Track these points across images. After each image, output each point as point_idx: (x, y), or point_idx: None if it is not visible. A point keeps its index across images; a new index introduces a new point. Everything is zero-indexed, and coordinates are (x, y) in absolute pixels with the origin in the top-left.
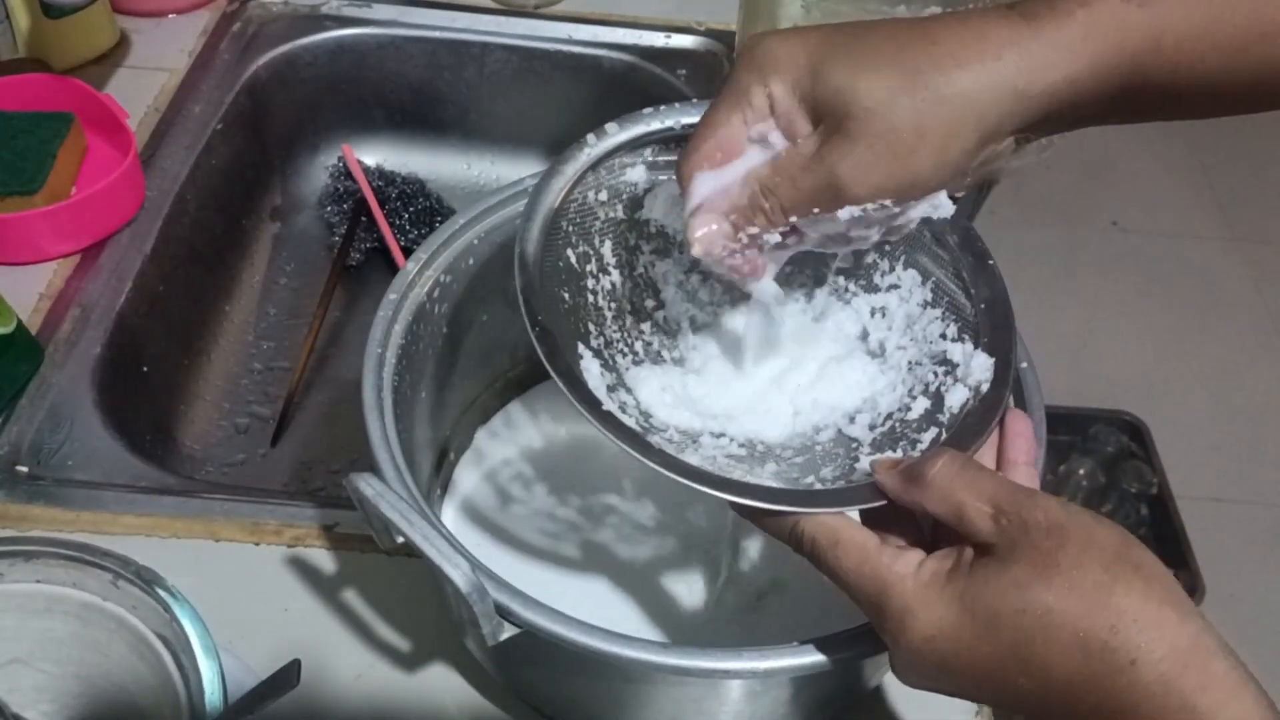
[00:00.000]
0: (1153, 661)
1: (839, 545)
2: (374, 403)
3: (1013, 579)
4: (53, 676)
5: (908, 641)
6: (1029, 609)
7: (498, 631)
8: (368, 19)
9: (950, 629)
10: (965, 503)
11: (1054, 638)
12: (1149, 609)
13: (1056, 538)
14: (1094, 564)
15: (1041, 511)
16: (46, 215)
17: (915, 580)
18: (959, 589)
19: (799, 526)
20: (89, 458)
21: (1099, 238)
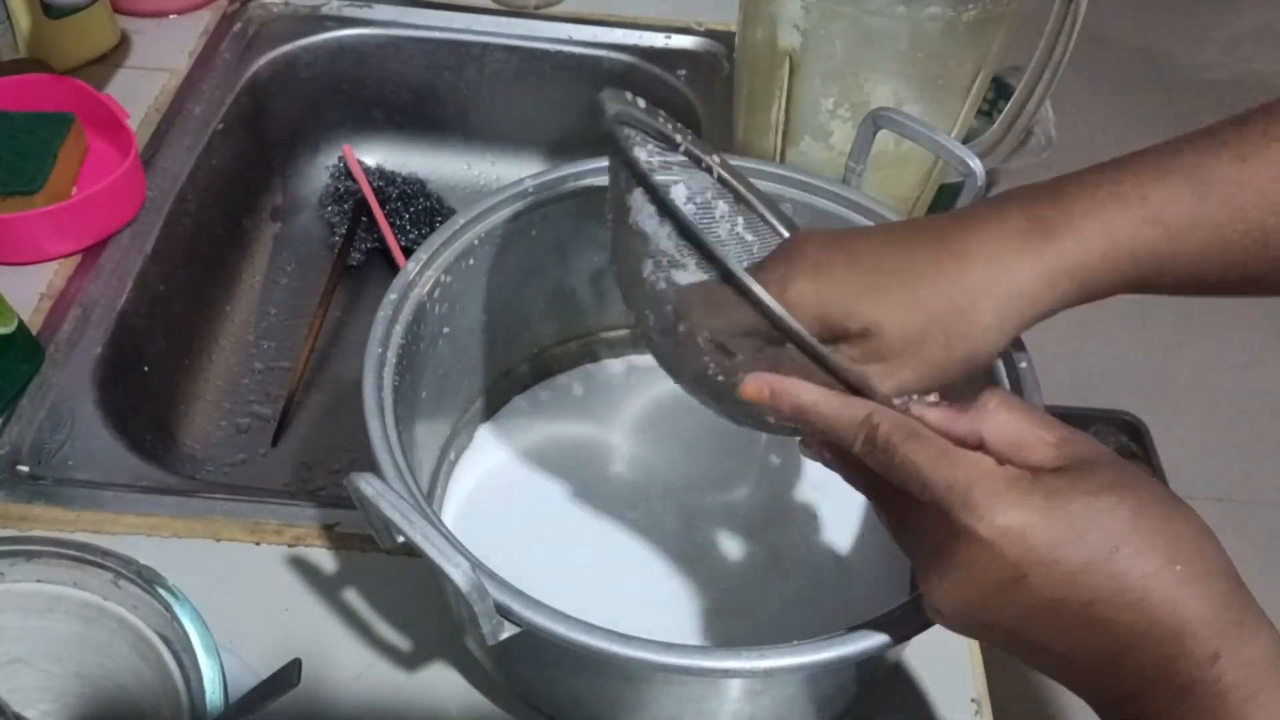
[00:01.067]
0: (1222, 577)
1: (919, 437)
2: (374, 402)
3: (1104, 479)
4: (54, 676)
5: (999, 526)
6: (1121, 504)
7: (498, 631)
8: (368, 19)
9: (1045, 523)
10: (1026, 429)
11: (1140, 541)
12: (1221, 554)
13: (1117, 462)
14: (1159, 487)
15: (1092, 443)
16: (47, 215)
17: (1007, 473)
18: (1050, 488)
19: (874, 415)
20: (90, 457)
21: None
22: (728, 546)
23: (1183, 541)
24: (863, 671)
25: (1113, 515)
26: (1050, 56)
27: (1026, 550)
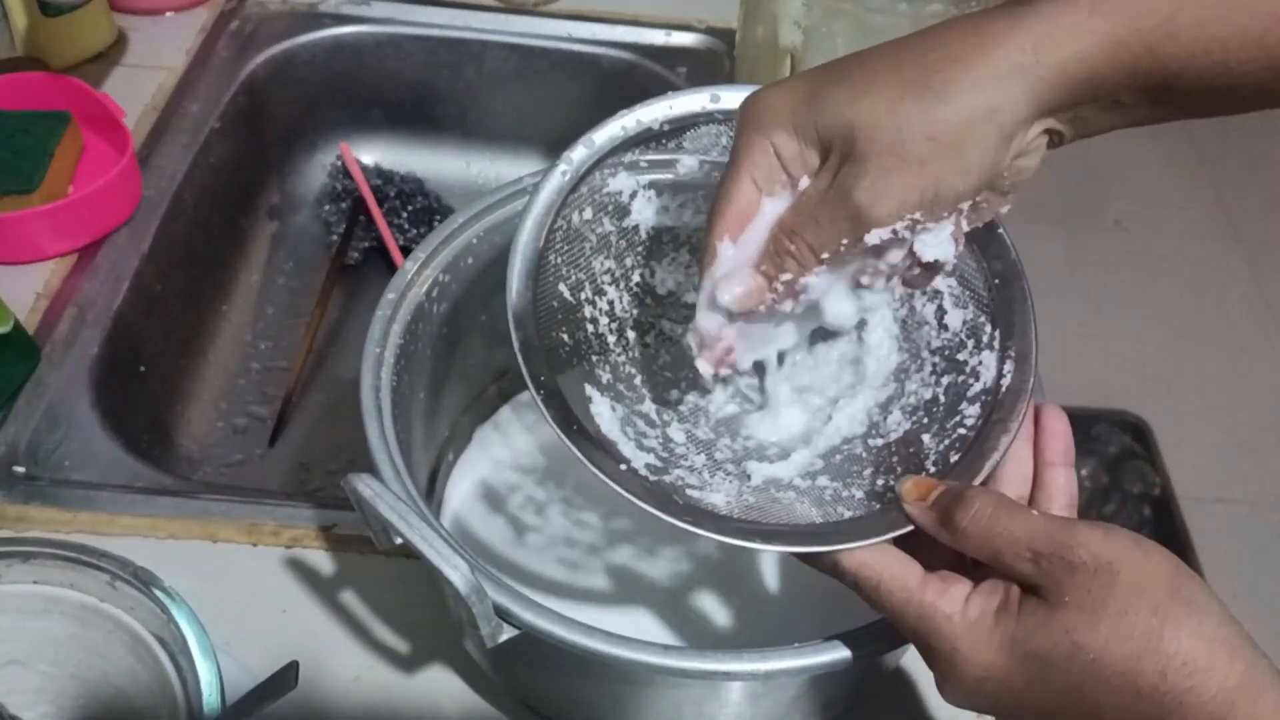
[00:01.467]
0: (1201, 703)
1: (881, 586)
2: (372, 403)
3: (1060, 624)
4: (50, 677)
5: (957, 680)
6: (1079, 655)
7: (496, 633)
8: (366, 17)
9: (1000, 672)
10: (1002, 550)
11: (1104, 683)
12: (1198, 650)
13: (1104, 577)
14: (1143, 607)
15: (1085, 550)
16: (44, 214)
17: (963, 620)
18: (1009, 632)
19: (840, 566)
20: (86, 458)
21: (1102, 237)
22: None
23: (1148, 680)
24: (863, 674)
25: (1069, 664)
26: None
27: (988, 698)
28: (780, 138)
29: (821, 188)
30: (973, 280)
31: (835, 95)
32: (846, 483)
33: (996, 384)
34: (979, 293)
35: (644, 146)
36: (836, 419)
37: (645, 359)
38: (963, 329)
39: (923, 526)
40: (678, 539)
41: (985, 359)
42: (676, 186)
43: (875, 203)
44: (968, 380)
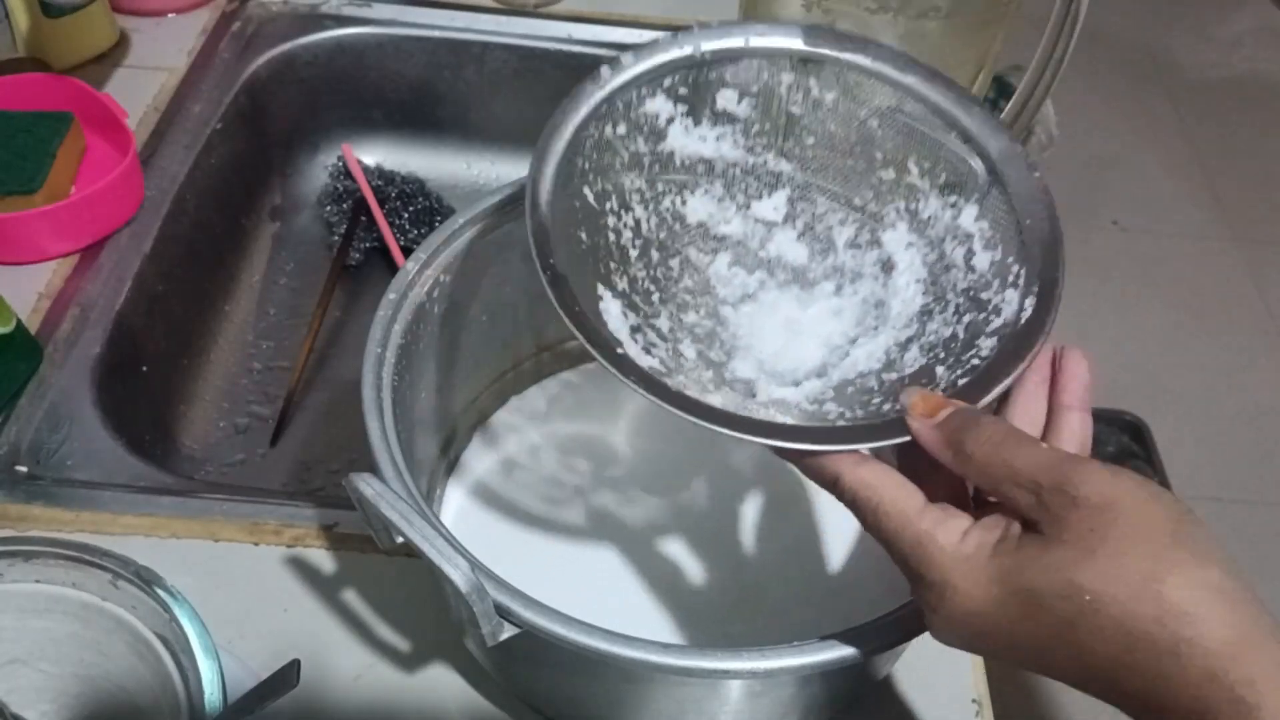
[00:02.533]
0: (1198, 655)
1: (879, 509)
2: (373, 402)
3: (1057, 560)
4: (52, 676)
5: (947, 612)
6: (1073, 594)
7: (498, 631)
8: (367, 18)
9: (992, 607)
10: (1004, 480)
11: (1097, 625)
12: (1198, 599)
13: (1106, 515)
14: (1144, 549)
15: (1090, 485)
16: (46, 215)
17: (958, 552)
18: (1003, 566)
19: (841, 482)
20: (88, 457)
21: (1100, 237)
22: (728, 547)
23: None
24: (863, 672)
25: (1062, 601)
26: (1052, 54)
27: (975, 632)
28: None
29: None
30: (1004, 221)
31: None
32: (853, 409)
33: (1016, 318)
34: (1009, 233)
35: (684, 72)
36: (854, 354)
37: (666, 279)
38: (990, 269)
39: (927, 444)
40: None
41: (1008, 296)
42: (716, 117)
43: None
44: (989, 317)
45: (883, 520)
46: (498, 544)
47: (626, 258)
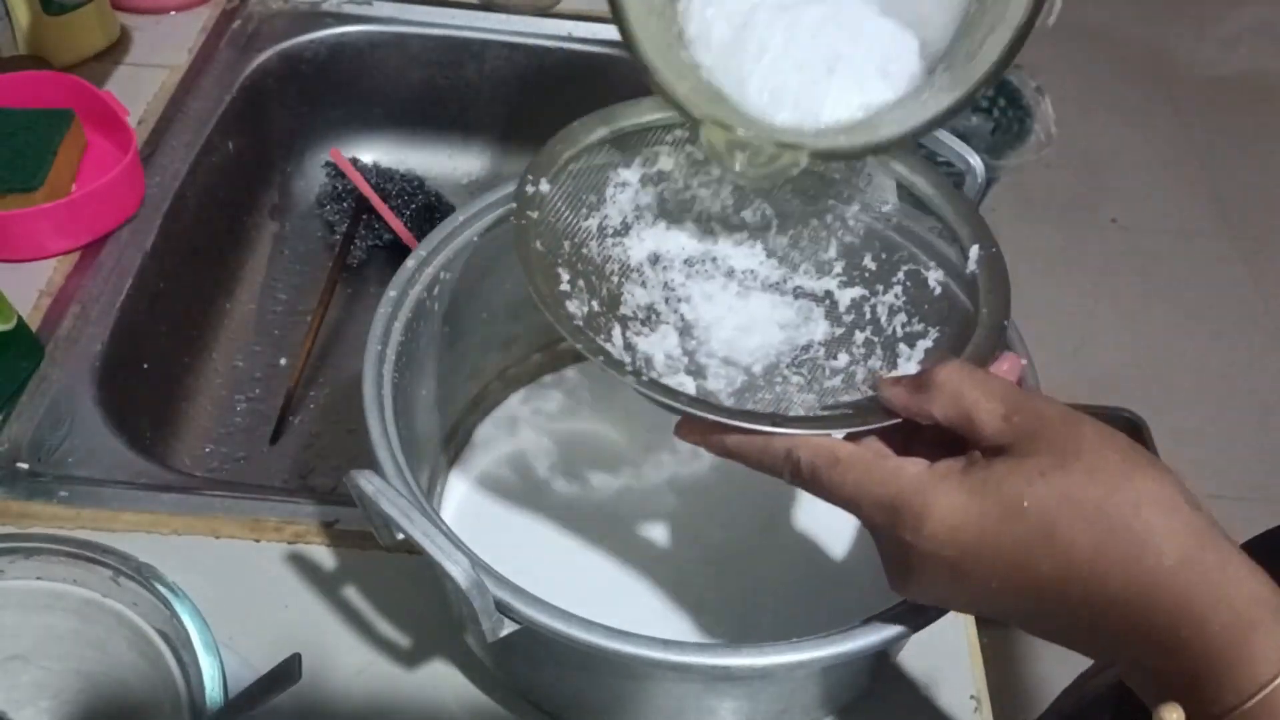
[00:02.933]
0: (1175, 542)
1: (840, 462)
2: (374, 400)
3: (1036, 466)
4: (53, 673)
5: (930, 532)
6: (1052, 492)
7: (497, 628)
8: (368, 16)
9: (975, 516)
10: (977, 402)
11: (1079, 516)
12: (1166, 492)
13: (1074, 430)
14: (1112, 450)
15: (1052, 406)
16: (47, 212)
17: (931, 476)
18: (979, 478)
19: (794, 452)
20: (89, 454)
21: (1099, 235)
22: (727, 542)
23: (1122, 511)
24: (862, 668)
25: (1045, 497)
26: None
27: (960, 549)
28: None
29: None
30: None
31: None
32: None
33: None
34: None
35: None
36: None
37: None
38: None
39: (897, 402)
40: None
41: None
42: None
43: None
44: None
45: (844, 472)
46: (498, 540)
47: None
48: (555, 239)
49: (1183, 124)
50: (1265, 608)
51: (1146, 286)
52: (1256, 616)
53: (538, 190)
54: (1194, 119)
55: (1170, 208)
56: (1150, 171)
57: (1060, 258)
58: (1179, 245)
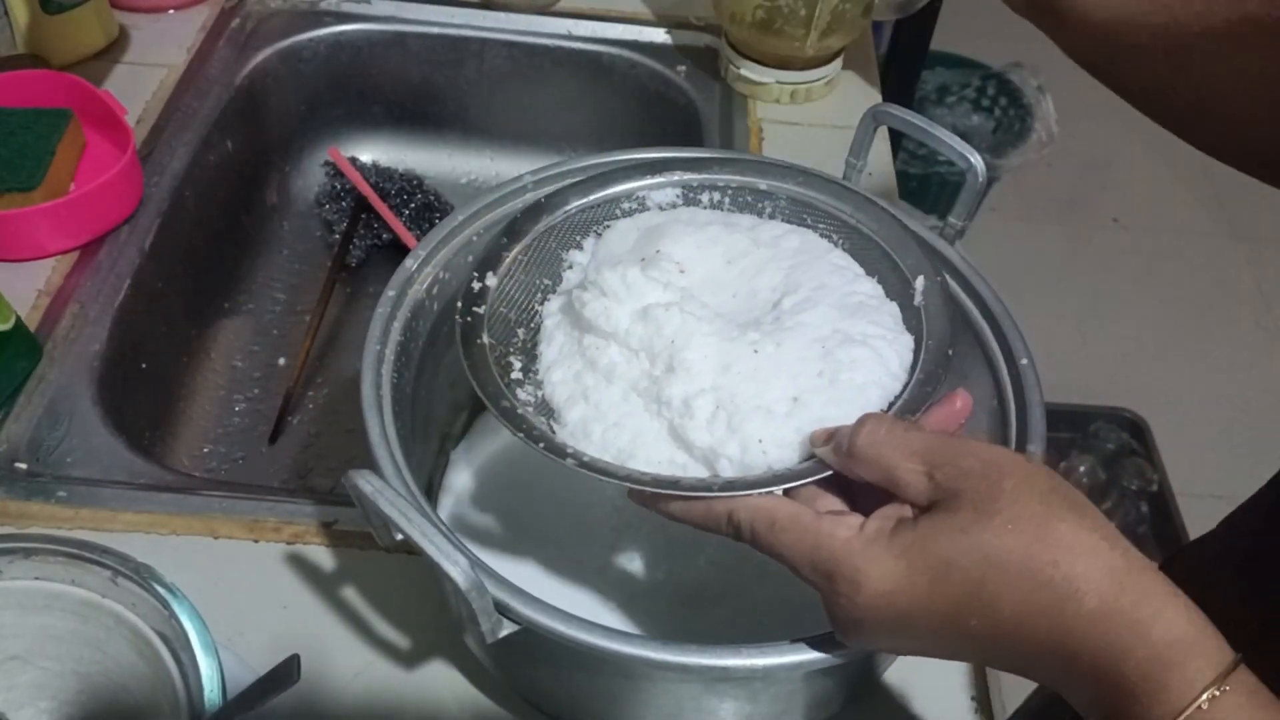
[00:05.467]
0: (1093, 588)
1: (775, 524)
2: (373, 400)
3: (958, 524)
4: (51, 673)
5: (864, 600)
6: (975, 551)
7: (497, 628)
8: (367, 15)
9: (905, 581)
10: (897, 465)
11: (1002, 574)
12: (1082, 537)
13: (992, 477)
14: (1030, 498)
15: (973, 457)
16: (45, 212)
17: (861, 540)
18: (906, 542)
19: (735, 515)
20: (88, 455)
21: (1099, 234)
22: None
23: (1042, 565)
24: (863, 669)
25: (968, 561)
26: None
27: (896, 612)
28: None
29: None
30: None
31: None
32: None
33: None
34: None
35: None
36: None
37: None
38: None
39: (828, 461)
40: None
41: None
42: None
43: None
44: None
45: (780, 534)
46: (497, 540)
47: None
48: (508, 328)
49: None
50: (1178, 647)
51: (1148, 286)
52: (1172, 657)
53: (484, 285)
54: None
55: (1172, 207)
56: (1151, 171)
57: (1061, 257)
58: (1180, 244)
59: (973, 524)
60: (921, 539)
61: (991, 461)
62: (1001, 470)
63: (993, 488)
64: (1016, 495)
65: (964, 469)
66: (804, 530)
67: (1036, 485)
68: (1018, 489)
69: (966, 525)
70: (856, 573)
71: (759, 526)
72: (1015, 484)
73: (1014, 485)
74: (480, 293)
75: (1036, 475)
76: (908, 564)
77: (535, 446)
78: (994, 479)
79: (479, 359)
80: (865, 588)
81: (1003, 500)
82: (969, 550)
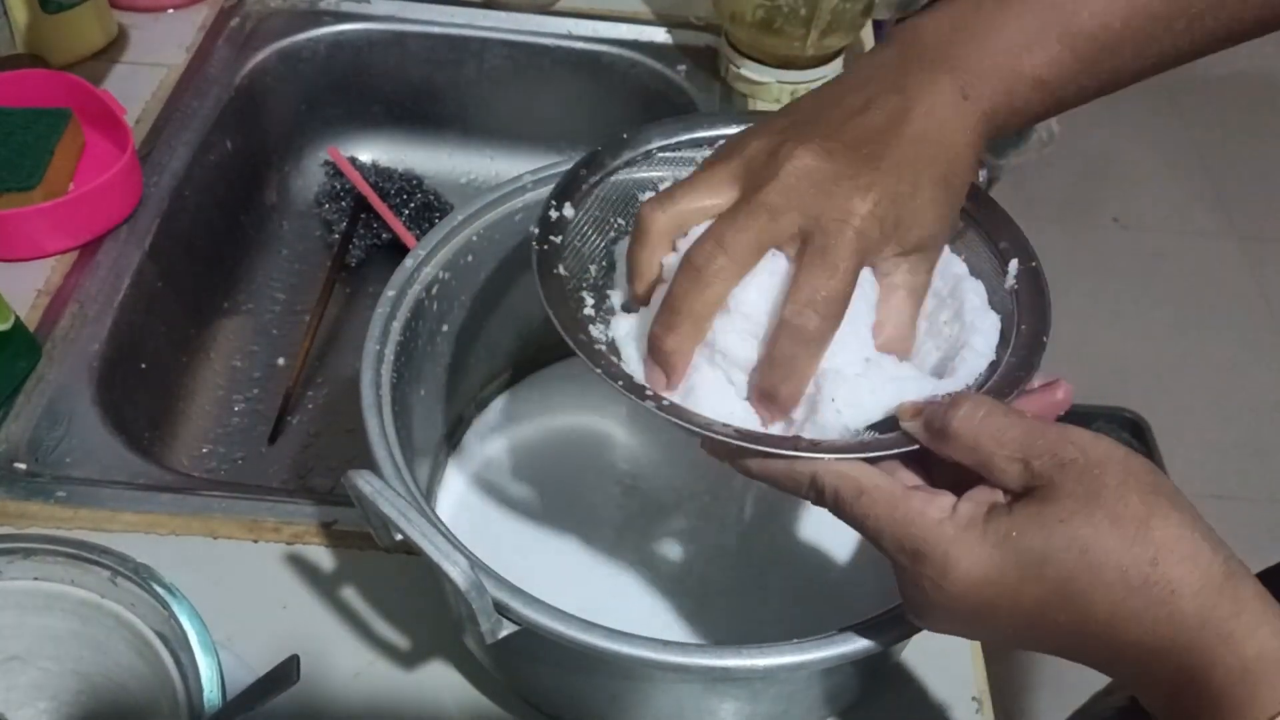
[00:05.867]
0: (1191, 593)
1: (864, 494)
2: (372, 400)
3: (1056, 515)
4: (51, 674)
5: (951, 587)
6: (1073, 545)
7: (496, 629)
8: (366, 14)
9: (996, 573)
10: (993, 453)
11: (1098, 573)
12: (1184, 539)
13: (1094, 470)
14: (1132, 494)
15: (1075, 447)
16: (44, 211)
17: (954, 524)
18: (1002, 530)
19: (819, 478)
20: (87, 455)
21: (1100, 234)
22: (727, 543)
23: (1140, 567)
24: (863, 669)
25: (1065, 555)
26: None
27: (980, 602)
28: None
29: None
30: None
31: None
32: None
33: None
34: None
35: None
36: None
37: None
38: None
39: (917, 438)
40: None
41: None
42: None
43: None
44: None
45: (868, 506)
46: (497, 540)
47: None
48: (580, 263)
49: (1185, 122)
50: (1270, 662)
51: (1148, 285)
52: (1261, 671)
53: (561, 215)
54: (1196, 117)
55: (1172, 206)
56: (1152, 170)
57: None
58: (1181, 244)
59: (1072, 515)
60: (1016, 528)
61: (1093, 452)
62: (1104, 463)
63: (1094, 480)
64: (1119, 490)
65: (1064, 459)
66: (893, 504)
67: (1141, 481)
68: (1121, 483)
69: (1066, 516)
70: (946, 558)
71: (845, 494)
72: (1118, 478)
73: (1117, 479)
74: (557, 222)
75: (1140, 470)
76: (1001, 555)
77: (614, 384)
78: (1096, 471)
79: (554, 290)
80: (953, 574)
81: (1105, 494)
82: (1067, 544)
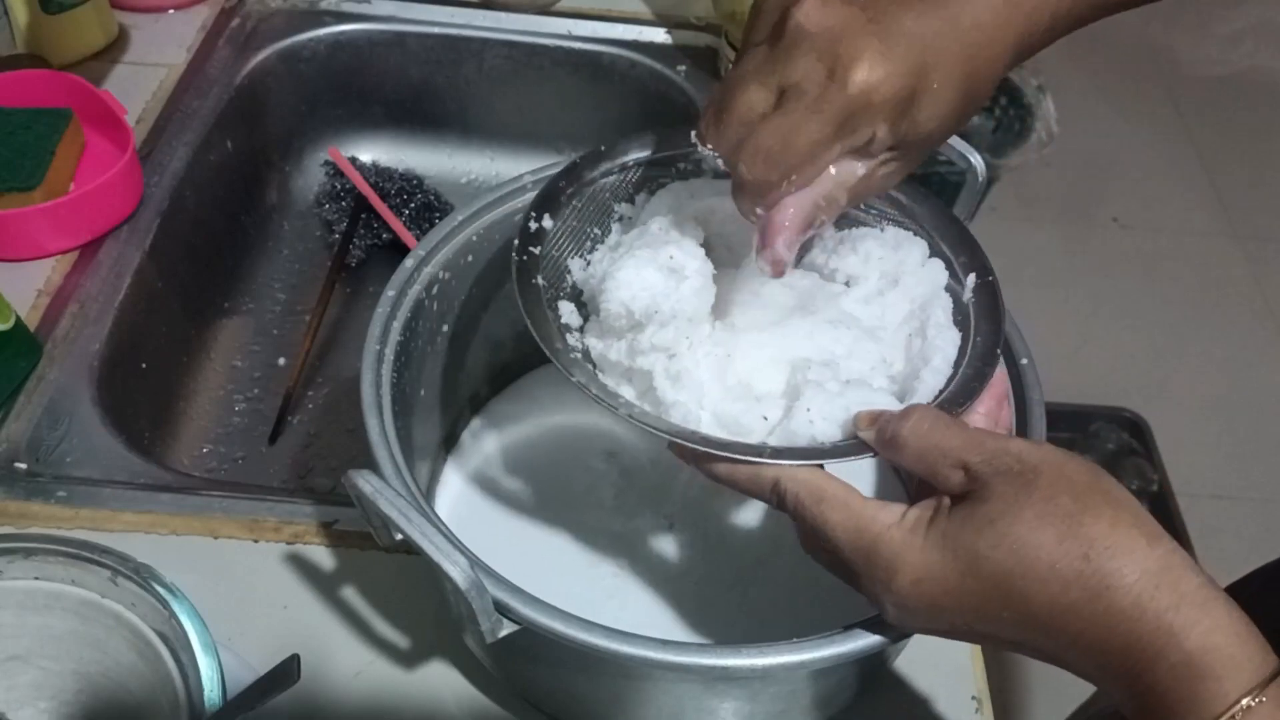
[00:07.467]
0: (1126, 586)
1: (824, 501)
2: (372, 400)
3: (987, 515)
4: (51, 673)
5: (898, 586)
6: (1003, 543)
7: (496, 628)
8: (367, 15)
9: (936, 570)
10: (937, 461)
11: (1030, 569)
12: (1118, 534)
13: (1028, 476)
14: (1063, 494)
15: (1011, 454)
16: (45, 211)
17: (900, 529)
18: (940, 531)
19: (781, 484)
20: (88, 454)
21: (1100, 234)
22: (727, 541)
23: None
24: (863, 669)
25: (995, 552)
26: None
27: (928, 601)
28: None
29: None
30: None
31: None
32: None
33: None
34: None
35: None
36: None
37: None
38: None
39: (872, 445)
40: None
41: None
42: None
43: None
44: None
45: (828, 512)
46: (497, 539)
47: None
48: (558, 273)
49: (1184, 123)
50: (1214, 656)
51: (1148, 285)
52: (1205, 665)
53: (540, 226)
54: (1195, 118)
55: (1172, 207)
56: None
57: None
58: (1180, 244)
59: (1001, 515)
60: (953, 529)
61: (1029, 457)
62: (1039, 466)
63: (1026, 482)
64: (1050, 490)
65: (999, 465)
66: (850, 511)
67: (1073, 481)
68: (1052, 484)
69: (995, 515)
70: (893, 560)
71: (805, 499)
72: (1049, 479)
73: (1048, 480)
74: (536, 233)
75: (1076, 471)
76: (939, 553)
77: (587, 392)
78: (1029, 478)
79: (533, 300)
80: (899, 575)
81: (1035, 494)
82: (997, 541)
